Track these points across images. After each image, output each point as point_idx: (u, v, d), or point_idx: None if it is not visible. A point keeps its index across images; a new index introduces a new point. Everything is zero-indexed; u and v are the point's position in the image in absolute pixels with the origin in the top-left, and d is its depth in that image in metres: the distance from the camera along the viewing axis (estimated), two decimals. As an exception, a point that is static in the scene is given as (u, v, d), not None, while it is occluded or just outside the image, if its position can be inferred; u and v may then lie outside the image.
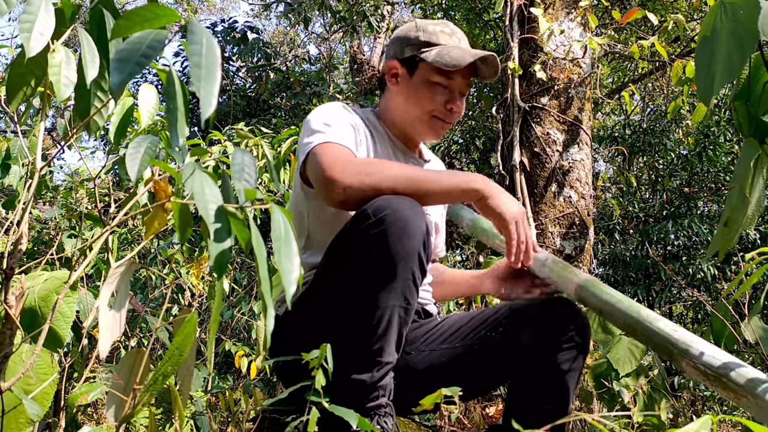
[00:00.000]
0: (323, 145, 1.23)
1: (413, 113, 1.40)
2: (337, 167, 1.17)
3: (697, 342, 1.10)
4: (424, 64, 1.37)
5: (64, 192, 2.54)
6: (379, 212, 1.07)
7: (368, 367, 1.12)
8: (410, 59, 1.39)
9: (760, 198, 0.85)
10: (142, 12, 0.67)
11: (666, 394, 1.73)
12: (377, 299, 1.08)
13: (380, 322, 1.09)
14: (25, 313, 1.10)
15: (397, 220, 1.06)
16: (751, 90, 0.86)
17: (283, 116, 7.13)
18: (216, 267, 0.63)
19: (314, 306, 1.24)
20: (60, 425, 1.04)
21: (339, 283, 1.15)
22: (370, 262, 1.08)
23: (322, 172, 1.18)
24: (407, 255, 1.07)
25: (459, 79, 1.38)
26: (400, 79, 1.41)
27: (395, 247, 1.06)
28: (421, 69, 1.38)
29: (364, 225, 1.08)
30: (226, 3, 16.32)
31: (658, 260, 4.95)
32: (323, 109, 1.35)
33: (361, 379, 1.11)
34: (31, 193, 0.91)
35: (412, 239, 1.07)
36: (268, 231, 0.66)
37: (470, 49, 1.39)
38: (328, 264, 1.20)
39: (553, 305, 1.33)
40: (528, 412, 1.26)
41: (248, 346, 2.84)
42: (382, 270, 1.07)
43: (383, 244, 1.06)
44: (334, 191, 1.15)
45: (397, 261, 1.06)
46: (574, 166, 3.10)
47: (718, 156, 5.28)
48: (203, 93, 0.60)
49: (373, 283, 1.09)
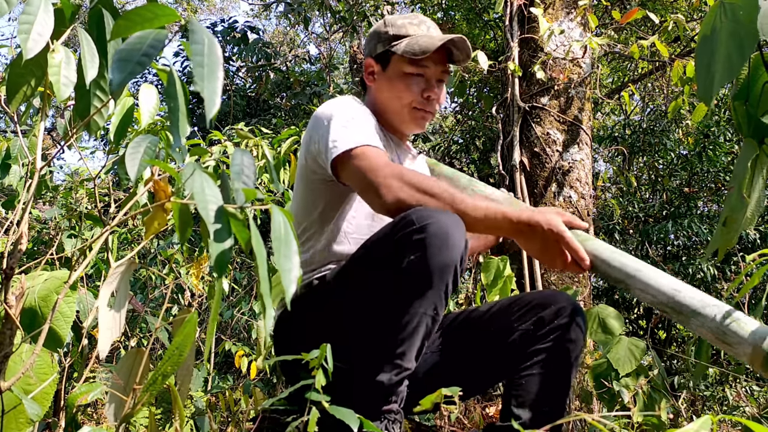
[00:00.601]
0: (364, 149, 1.23)
1: (393, 107, 1.42)
2: (391, 178, 1.18)
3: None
4: (396, 56, 1.39)
5: (64, 192, 2.54)
6: (424, 220, 1.08)
7: (388, 370, 1.12)
8: (382, 55, 1.41)
9: (759, 198, 0.85)
10: (142, 12, 0.67)
11: (666, 394, 1.73)
12: (409, 304, 1.10)
13: (407, 327, 1.10)
14: (25, 313, 1.10)
15: (440, 230, 1.08)
16: (751, 90, 0.86)
17: (283, 116, 7.13)
18: (216, 267, 0.63)
19: (336, 302, 1.24)
20: (60, 425, 1.04)
21: (370, 282, 1.15)
22: (408, 267, 1.09)
23: (371, 179, 1.19)
24: (445, 266, 1.08)
25: (433, 67, 1.39)
26: (376, 75, 1.44)
27: (435, 256, 1.07)
28: (394, 62, 1.40)
29: (407, 230, 1.09)
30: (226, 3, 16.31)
31: (658, 260, 4.95)
32: (346, 105, 1.34)
33: (380, 381, 1.12)
34: (31, 193, 0.91)
35: (451, 251, 1.08)
36: (268, 231, 0.66)
37: (439, 34, 1.40)
38: (361, 262, 1.21)
39: (548, 301, 1.32)
40: (525, 409, 1.26)
41: (248, 346, 2.84)
42: (418, 276, 1.09)
43: (423, 252, 1.07)
44: (384, 199, 1.17)
45: (435, 270, 1.08)
46: (574, 166, 3.10)
47: (718, 156, 5.28)
48: (207, 92, 0.60)
49: (408, 288, 1.10)
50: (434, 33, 1.42)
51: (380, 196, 1.18)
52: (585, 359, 2.24)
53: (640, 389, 1.69)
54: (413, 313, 1.10)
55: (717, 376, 3.92)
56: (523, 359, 1.29)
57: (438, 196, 1.16)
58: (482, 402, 2.51)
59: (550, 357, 1.27)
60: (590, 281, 3.19)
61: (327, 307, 1.26)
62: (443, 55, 1.40)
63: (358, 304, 1.18)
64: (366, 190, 1.22)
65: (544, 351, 1.28)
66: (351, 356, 1.15)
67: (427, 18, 1.46)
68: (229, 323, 3.33)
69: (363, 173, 1.21)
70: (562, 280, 3.00)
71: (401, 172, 1.20)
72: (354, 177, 1.24)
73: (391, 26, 1.41)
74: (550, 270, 3.01)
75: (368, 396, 1.13)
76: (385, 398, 1.14)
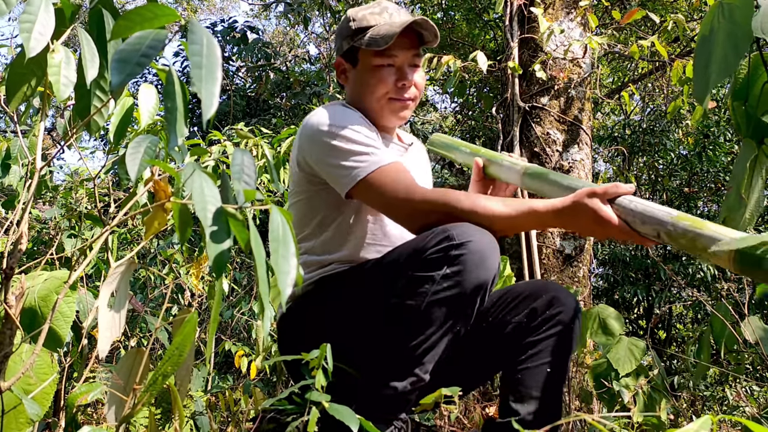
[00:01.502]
0: (377, 174, 1.23)
1: (369, 102, 1.37)
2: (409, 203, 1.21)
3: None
4: (362, 51, 1.35)
5: (64, 192, 2.54)
6: (464, 237, 1.09)
7: (404, 377, 1.12)
8: (349, 51, 1.38)
9: (758, 198, 0.85)
10: (142, 12, 0.67)
11: (666, 394, 1.72)
12: (437, 317, 1.10)
13: (431, 338, 1.11)
14: (25, 313, 1.10)
15: (478, 250, 1.09)
16: (750, 90, 0.86)
17: (283, 116, 7.13)
18: (215, 267, 0.63)
19: (349, 306, 1.24)
20: (60, 425, 1.04)
21: (396, 289, 1.15)
22: (442, 280, 1.10)
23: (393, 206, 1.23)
24: (478, 285, 1.10)
25: (402, 54, 1.34)
26: (348, 74, 1.41)
27: (471, 274, 1.08)
28: (361, 57, 1.36)
29: (446, 245, 1.10)
30: (226, 3, 16.30)
31: (658, 260, 4.95)
32: (339, 118, 1.30)
33: (393, 386, 1.12)
34: (31, 193, 0.91)
35: (486, 272, 1.10)
36: (267, 231, 0.66)
37: (402, 19, 1.35)
38: (386, 269, 1.21)
39: (539, 291, 1.32)
40: (523, 404, 1.25)
41: (248, 346, 2.84)
42: (451, 291, 1.09)
43: (460, 268, 1.09)
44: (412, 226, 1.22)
45: (468, 288, 1.09)
46: (574, 166, 3.10)
47: (718, 156, 5.28)
48: (204, 93, 0.60)
49: (438, 301, 1.10)
50: (396, 19, 1.36)
51: (406, 222, 1.23)
52: (585, 359, 2.24)
53: (640, 389, 1.69)
54: (440, 325, 1.11)
55: (717, 376, 3.92)
56: (518, 352, 1.29)
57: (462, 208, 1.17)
58: (482, 402, 2.51)
59: (545, 348, 1.27)
60: (590, 281, 3.19)
61: (339, 307, 1.26)
62: (412, 39, 1.35)
63: (379, 309, 1.17)
64: (392, 215, 1.26)
65: (539, 342, 1.27)
66: (363, 359, 1.15)
67: (391, 4, 1.40)
68: (229, 323, 3.33)
69: (383, 202, 1.24)
70: (562, 280, 3.01)
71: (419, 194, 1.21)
72: (376, 204, 1.27)
73: (354, 20, 1.36)
74: (550, 271, 3.01)
75: (379, 401, 1.13)
76: (396, 405, 1.14)
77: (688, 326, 5.81)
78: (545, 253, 3.03)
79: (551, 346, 1.27)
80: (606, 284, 5.67)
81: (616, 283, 5.42)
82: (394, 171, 1.24)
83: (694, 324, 5.53)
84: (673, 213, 0.98)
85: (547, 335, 1.28)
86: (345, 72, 1.42)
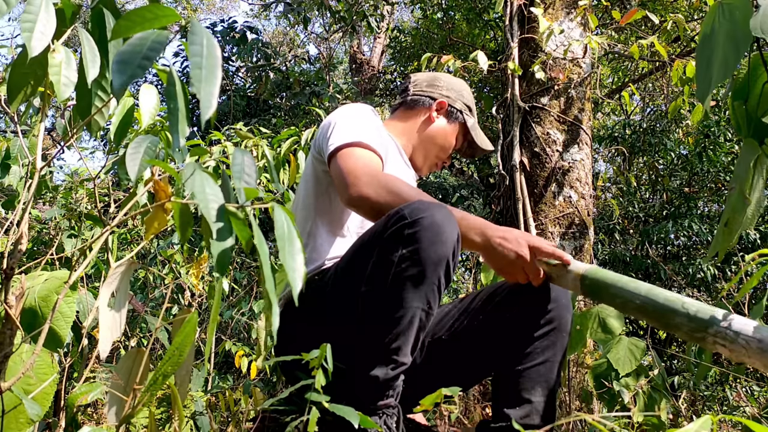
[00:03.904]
0: (353, 147, 1.31)
1: (427, 148, 1.63)
2: (363, 175, 1.25)
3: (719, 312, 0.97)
4: (461, 124, 1.65)
5: (64, 192, 2.54)
6: (416, 214, 1.09)
7: (383, 365, 1.12)
8: (455, 110, 1.64)
9: (760, 198, 0.85)
10: (143, 12, 0.67)
11: (666, 394, 1.72)
12: (402, 299, 1.10)
13: (401, 322, 1.10)
14: (25, 313, 1.10)
15: (432, 224, 1.08)
16: (750, 90, 0.86)
17: (283, 116, 7.13)
18: (218, 266, 0.63)
19: (331, 300, 1.24)
20: (60, 425, 1.04)
21: (363, 277, 1.15)
22: (400, 261, 1.09)
23: (346, 173, 1.26)
24: (438, 260, 1.09)
25: (458, 145, 1.68)
26: (439, 116, 1.63)
27: (427, 250, 1.08)
28: (454, 123, 1.64)
29: (399, 224, 1.10)
30: (226, 3, 16.31)
31: (658, 260, 4.95)
32: (353, 109, 1.44)
33: (375, 375, 1.12)
34: (31, 193, 0.91)
35: (443, 245, 1.09)
36: (267, 231, 0.66)
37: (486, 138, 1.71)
38: (354, 258, 1.22)
39: (530, 290, 1.30)
40: (515, 408, 1.24)
41: (248, 346, 2.84)
42: (411, 271, 1.09)
43: (416, 246, 1.08)
44: (350, 192, 1.24)
45: (427, 264, 1.08)
46: (574, 166, 3.10)
47: (718, 156, 5.28)
48: (203, 94, 0.60)
49: (401, 283, 1.10)
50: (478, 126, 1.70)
51: (347, 187, 1.24)
52: (585, 359, 2.24)
53: (640, 389, 1.69)
54: (407, 307, 1.10)
55: (717, 376, 3.92)
56: (510, 351, 1.28)
57: (409, 198, 1.18)
58: (482, 402, 2.51)
59: (539, 348, 1.26)
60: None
61: (323, 303, 1.26)
62: None
63: (353, 300, 1.17)
64: (339, 182, 1.28)
65: (532, 342, 1.27)
66: (348, 353, 1.15)
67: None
68: (229, 323, 3.33)
69: (342, 167, 1.28)
70: (562, 280, 3.00)
71: (377, 172, 1.26)
72: (334, 171, 1.31)
73: (467, 98, 1.67)
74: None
75: (364, 391, 1.13)
76: (381, 393, 1.14)
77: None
78: (545, 253, 3.02)
79: (544, 345, 1.26)
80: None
81: (616, 283, 5.39)
82: (363, 153, 1.30)
83: (694, 324, 5.51)
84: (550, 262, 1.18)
85: (539, 334, 1.27)
86: (439, 114, 1.64)
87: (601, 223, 5.62)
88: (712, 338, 0.94)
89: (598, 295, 1.12)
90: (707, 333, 0.94)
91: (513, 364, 1.27)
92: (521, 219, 3.02)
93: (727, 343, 0.93)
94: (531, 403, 1.24)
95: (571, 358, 2.26)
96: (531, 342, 1.27)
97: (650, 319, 1.03)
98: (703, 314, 0.96)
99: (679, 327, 0.98)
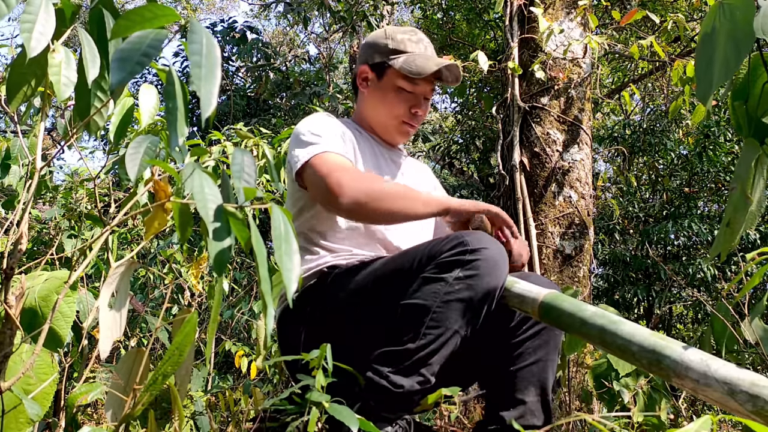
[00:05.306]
0: (319, 156, 1.31)
1: (382, 117, 1.51)
2: (343, 178, 1.25)
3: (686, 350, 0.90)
4: (392, 70, 1.47)
5: (64, 192, 2.54)
6: (478, 244, 1.14)
7: (411, 376, 1.13)
8: (379, 65, 1.49)
9: (760, 198, 0.85)
10: (142, 12, 0.67)
11: (666, 394, 1.72)
12: (447, 318, 1.12)
13: (439, 339, 1.12)
14: (25, 313, 1.10)
15: (491, 257, 1.14)
16: (750, 90, 0.86)
17: (283, 116, 7.13)
18: (216, 266, 0.63)
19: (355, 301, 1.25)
20: (60, 425, 1.04)
21: (407, 290, 1.17)
22: (455, 282, 1.12)
23: (326, 181, 1.26)
24: (489, 291, 1.13)
25: (423, 85, 1.48)
26: (370, 83, 1.51)
27: (483, 279, 1.12)
28: (389, 75, 1.48)
29: (460, 249, 1.14)
30: (226, 3, 16.31)
31: (658, 260, 4.95)
32: (310, 121, 1.42)
33: (401, 384, 1.12)
34: (31, 193, 0.91)
35: (497, 279, 1.14)
36: (266, 231, 0.66)
37: (435, 57, 1.49)
38: (397, 270, 1.22)
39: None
40: (509, 411, 1.24)
41: (248, 346, 2.84)
42: (463, 294, 1.12)
43: (474, 272, 1.12)
44: (340, 199, 1.24)
45: (479, 291, 1.12)
46: (574, 166, 3.10)
47: (718, 156, 5.28)
48: (203, 93, 0.60)
49: (450, 302, 1.12)
50: (430, 53, 1.50)
51: (335, 198, 1.25)
52: (585, 359, 2.24)
53: (640, 389, 1.69)
54: (449, 327, 1.12)
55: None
56: (503, 352, 1.29)
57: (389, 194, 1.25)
58: (482, 402, 2.51)
59: (531, 348, 1.27)
60: (590, 281, 3.19)
61: (342, 304, 1.26)
62: (434, 76, 1.49)
63: (390, 309, 1.17)
64: (324, 195, 1.28)
65: (524, 342, 1.27)
66: (367, 357, 1.15)
67: (424, 36, 1.54)
68: (229, 323, 3.33)
69: (318, 179, 1.29)
70: (562, 280, 3.01)
71: (356, 175, 1.28)
72: (312, 185, 1.32)
73: (391, 39, 1.48)
74: (550, 271, 3.01)
75: (385, 400, 1.12)
76: (402, 404, 1.14)
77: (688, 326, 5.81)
78: (545, 253, 3.03)
79: (536, 344, 1.27)
80: (606, 284, 5.67)
81: (617, 283, 5.42)
82: (332, 158, 1.31)
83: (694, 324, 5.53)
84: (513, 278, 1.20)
85: (530, 333, 1.28)
86: (367, 80, 1.52)
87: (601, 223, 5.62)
88: (666, 373, 0.90)
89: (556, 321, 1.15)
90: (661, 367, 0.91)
91: (506, 365, 1.28)
92: (521, 219, 3.02)
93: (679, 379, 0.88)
94: (525, 404, 1.24)
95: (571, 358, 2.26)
96: (522, 342, 1.28)
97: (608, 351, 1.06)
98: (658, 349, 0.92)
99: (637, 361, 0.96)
